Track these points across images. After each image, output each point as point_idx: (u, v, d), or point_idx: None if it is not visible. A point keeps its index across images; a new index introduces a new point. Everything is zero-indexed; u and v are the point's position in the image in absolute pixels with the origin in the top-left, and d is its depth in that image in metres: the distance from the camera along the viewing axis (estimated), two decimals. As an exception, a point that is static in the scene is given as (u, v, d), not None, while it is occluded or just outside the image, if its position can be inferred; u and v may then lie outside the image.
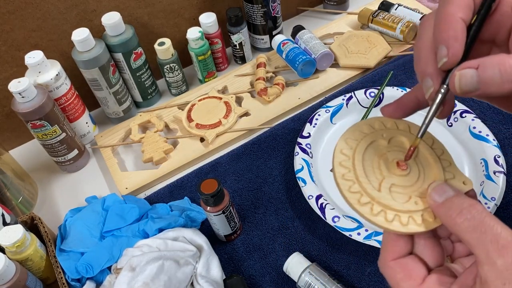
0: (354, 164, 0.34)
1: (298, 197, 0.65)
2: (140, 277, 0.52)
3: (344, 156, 0.35)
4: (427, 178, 0.34)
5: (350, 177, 0.34)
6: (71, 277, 0.58)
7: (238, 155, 0.72)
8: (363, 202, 0.33)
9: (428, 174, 0.35)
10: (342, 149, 0.35)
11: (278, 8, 0.86)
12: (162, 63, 0.80)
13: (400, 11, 0.87)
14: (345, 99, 0.73)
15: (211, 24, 0.81)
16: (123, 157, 0.78)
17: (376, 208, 0.33)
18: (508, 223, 0.28)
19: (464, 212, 0.29)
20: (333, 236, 0.61)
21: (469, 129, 0.65)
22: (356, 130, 0.36)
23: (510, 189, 0.61)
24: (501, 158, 0.61)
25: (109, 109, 0.81)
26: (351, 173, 0.34)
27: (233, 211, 0.59)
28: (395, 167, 0.34)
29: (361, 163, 0.35)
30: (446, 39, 0.30)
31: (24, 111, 0.65)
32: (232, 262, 0.61)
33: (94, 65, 0.72)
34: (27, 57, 0.68)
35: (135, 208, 0.63)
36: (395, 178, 0.34)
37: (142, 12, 0.80)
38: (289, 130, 0.74)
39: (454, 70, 0.30)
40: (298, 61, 0.79)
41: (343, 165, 0.34)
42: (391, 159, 0.35)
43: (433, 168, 0.35)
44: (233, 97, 0.80)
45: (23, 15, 0.70)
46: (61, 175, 0.77)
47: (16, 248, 0.55)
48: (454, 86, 0.30)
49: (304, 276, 0.54)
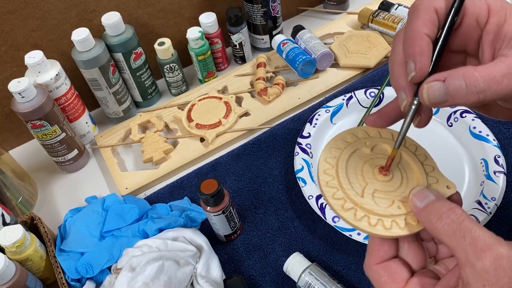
0: (337, 172, 0.36)
1: (298, 197, 0.65)
2: (140, 277, 0.52)
3: (328, 165, 0.36)
4: (409, 183, 0.35)
5: (333, 184, 0.35)
6: (71, 277, 0.58)
7: (238, 155, 0.72)
8: (347, 207, 0.34)
9: (411, 179, 0.36)
10: (326, 158, 0.37)
11: (278, 8, 0.86)
12: (162, 63, 0.80)
13: (400, 11, 0.87)
14: (345, 99, 0.73)
15: (211, 24, 0.81)
16: (123, 157, 0.78)
17: (359, 213, 0.34)
18: (508, 223, 0.29)
19: (443, 217, 0.30)
20: (333, 236, 0.61)
21: (469, 129, 0.65)
22: (339, 140, 0.38)
23: (510, 189, 0.61)
24: (501, 158, 0.61)
25: (109, 109, 0.81)
26: (334, 180, 0.35)
27: (233, 211, 0.59)
28: (378, 173, 0.36)
29: (345, 171, 0.36)
30: (413, 54, 0.32)
31: (24, 111, 0.65)
32: (232, 262, 0.61)
33: (94, 65, 0.72)
34: (27, 57, 0.68)
35: (135, 208, 0.63)
36: (378, 184, 0.35)
37: (142, 12, 0.80)
38: (289, 130, 0.74)
39: (423, 83, 0.32)
40: (298, 61, 0.79)
41: (327, 173, 0.36)
42: (374, 166, 0.36)
43: (415, 173, 0.36)
44: (233, 97, 0.80)
45: (23, 15, 0.70)
46: (61, 175, 0.77)
47: (16, 248, 0.55)
48: (423, 98, 0.32)
49: (304, 276, 0.54)
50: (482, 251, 0.27)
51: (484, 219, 0.55)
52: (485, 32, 0.33)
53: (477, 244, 0.28)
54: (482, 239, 0.28)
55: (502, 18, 0.33)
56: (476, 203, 0.57)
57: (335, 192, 0.35)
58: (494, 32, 0.33)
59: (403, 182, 0.35)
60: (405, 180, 0.36)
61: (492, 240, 0.28)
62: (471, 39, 0.35)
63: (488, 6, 0.33)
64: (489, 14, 0.33)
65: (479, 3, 0.33)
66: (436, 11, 0.33)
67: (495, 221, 0.58)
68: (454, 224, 0.29)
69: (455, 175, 0.63)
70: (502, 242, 0.28)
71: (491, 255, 0.27)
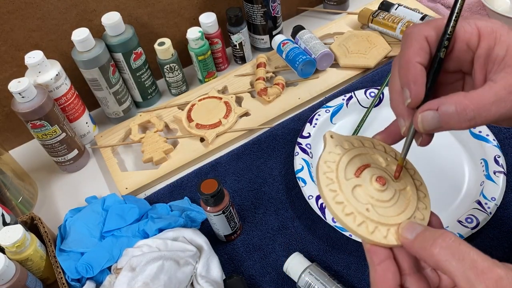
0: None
1: (298, 197, 0.65)
2: (140, 277, 0.52)
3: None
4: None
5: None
6: (71, 277, 0.58)
7: (238, 155, 0.72)
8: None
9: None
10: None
11: (278, 8, 0.86)
12: (162, 63, 0.80)
13: (400, 11, 0.87)
14: (345, 99, 0.73)
15: (211, 24, 0.81)
16: (123, 157, 0.78)
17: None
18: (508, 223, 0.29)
19: (438, 242, 0.30)
20: (333, 236, 0.61)
21: (469, 129, 0.65)
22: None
23: (510, 189, 0.61)
24: (501, 158, 0.61)
25: (109, 109, 0.81)
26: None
27: (233, 211, 0.59)
28: (375, 181, 0.37)
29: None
30: (407, 83, 0.34)
31: (24, 111, 0.65)
32: (232, 262, 0.61)
33: (94, 65, 0.72)
34: (27, 57, 0.68)
35: (135, 208, 0.63)
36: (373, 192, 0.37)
37: (142, 12, 0.80)
38: (289, 130, 0.74)
39: (417, 112, 0.33)
40: (298, 61, 0.79)
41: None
42: (371, 175, 0.37)
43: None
44: (233, 97, 0.80)
45: (23, 15, 0.70)
46: (61, 175, 0.77)
47: (16, 248, 0.55)
48: (418, 127, 0.34)
49: (304, 276, 0.54)
50: (482, 273, 0.28)
51: (484, 219, 0.55)
52: (476, 56, 0.35)
53: (477, 267, 0.28)
54: (480, 262, 0.28)
55: (492, 41, 0.33)
56: (476, 203, 0.57)
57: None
58: (485, 56, 0.34)
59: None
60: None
61: (489, 262, 0.28)
62: (464, 61, 0.36)
63: (478, 31, 0.34)
64: (480, 38, 0.34)
65: (469, 28, 0.34)
66: (426, 39, 0.35)
67: (495, 221, 0.58)
68: (451, 248, 0.30)
69: (455, 175, 0.63)
70: (498, 264, 0.29)
71: (492, 277, 0.28)
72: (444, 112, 0.32)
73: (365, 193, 0.36)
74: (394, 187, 0.37)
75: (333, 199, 0.35)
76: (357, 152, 0.38)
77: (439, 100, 0.32)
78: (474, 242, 0.32)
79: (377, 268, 0.34)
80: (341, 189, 0.36)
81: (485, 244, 0.56)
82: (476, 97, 0.31)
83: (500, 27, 0.33)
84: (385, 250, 0.35)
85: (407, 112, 0.35)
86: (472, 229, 0.55)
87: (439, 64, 0.34)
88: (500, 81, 0.32)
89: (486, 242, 0.56)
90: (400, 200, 0.37)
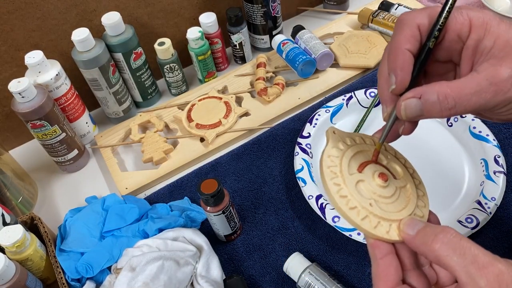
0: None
1: (298, 197, 0.65)
2: (140, 277, 0.52)
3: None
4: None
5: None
6: (71, 277, 0.58)
7: (238, 155, 0.72)
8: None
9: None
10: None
11: (278, 8, 0.86)
12: (162, 63, 0.80)
13: (400, 11, 0.87)
14: (345, 99, 0.73)
15: (211, 24, 0.81)
16: (123, 157, 0.78)
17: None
18: (508, 223, 0.29)
19: (439, 237, 0.31)
20: (333, 236, 0.61)
21: (469, 129, 0.65)
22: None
23: (510, 189, 0.61)
24: (501, 158, 0.61)
25: (109, 109, 0.81)
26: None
27: (233, 211, 0.59)
28: (377, 176, 0.37)
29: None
30: (394, 68, 0.34)
31: (24, 111, 0.65)
32: (232, 262, 0.61)
33: (94, 65, 0.72)
34: (27, 57, 0.68)
35: (135, 208, 0.63)
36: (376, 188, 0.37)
37: (142, 12, 0.80)
38: (289, 130, 0.74)
39: (400, 99, 0.34)
40: (298, 61, 0.79)
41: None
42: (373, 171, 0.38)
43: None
44: (233, 97, 0.80)
45: (23, 15, 0.70)
46: (61, 175, 0.77)
47: (16, 248, 0.55)
48: (401, 114, 0.34)
49: (304, 276, 0.54)
50: (483, 267, 0.28)
51: (484, 219, 0.55)
52: (465, 47, 0.35)
53: (478, 262, 0.28)
54: (481, 256, 0.29)
55: (482, 33, 0.33)
56: (476, 203, 0.57)
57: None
58: (473, 47, 0.34)
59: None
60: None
61: (490, 257, 0.29)
62: (454, 52, 0.36)
63: (470, 21, 0.34)
64: (471, 29, 0.34)
65: (461, 19, 0.34)
66: (418, 26, 0.35)
67: (495, 221, 0.58)
68: (452, 243, 0.30)
69: (455, 175, 0.63)
70: (499, 259, 0.29)
71: (493, 271, 0.28)
72: (426, 100, 0.32)
73: (368, 188, 0.36)
74: (395, 185, 0.37)
75: (337, 193, 0.35)
76: (359, 148, 0.39)
77: (421, 88, 0.33)
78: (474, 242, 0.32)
79: (379, 262, 0.34)
80: (345, 183, 0.36)
81: (485, 244, 0.56)
82: (458, 87, 0.32)
83: (492, 18, 0.34)
84: (387, 245, 0.35)
85: (390, 98, 0.35)
86: (472, 229, 0.55)
87: (427, 54, 0.34)
88: (483, 72, 0.32)
89: (486, 242, 0.56)
90: (401, 197, 0.37)
